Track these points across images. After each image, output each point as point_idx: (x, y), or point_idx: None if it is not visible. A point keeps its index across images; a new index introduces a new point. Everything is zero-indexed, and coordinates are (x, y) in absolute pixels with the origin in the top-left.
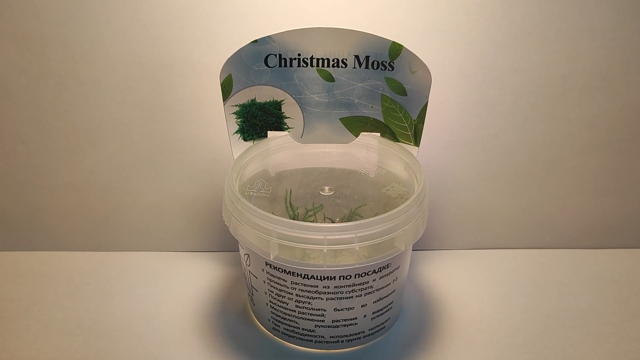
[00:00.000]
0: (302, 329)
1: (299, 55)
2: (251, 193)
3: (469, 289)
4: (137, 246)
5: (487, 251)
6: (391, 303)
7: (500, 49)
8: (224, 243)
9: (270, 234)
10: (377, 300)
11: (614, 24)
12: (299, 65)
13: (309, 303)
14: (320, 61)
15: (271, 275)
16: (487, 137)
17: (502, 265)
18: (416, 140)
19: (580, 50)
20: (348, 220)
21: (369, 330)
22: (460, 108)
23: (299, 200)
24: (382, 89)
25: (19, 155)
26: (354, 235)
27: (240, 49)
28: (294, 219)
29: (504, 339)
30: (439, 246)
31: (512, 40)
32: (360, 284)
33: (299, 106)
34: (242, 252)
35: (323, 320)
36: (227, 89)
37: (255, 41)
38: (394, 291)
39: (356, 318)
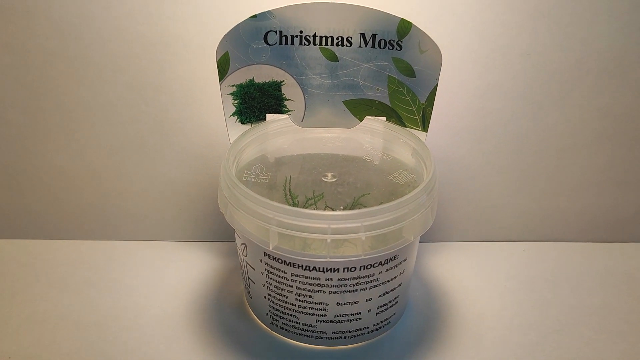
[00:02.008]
0: (303, 324)
1: (301, 32)
2: (249, 179)
3: (477, 283)
4: (126, 235)
5: (496, 244)
6: (397, 297)
7: (512, 31)
8: (219, 232)
9: (269, 222)
10: (383, 294)
11: (631, 6)
12: (300, 44)
13: (310, 297)
14: (324, 39)
15: (270, 266)
16: (497, 125)
17: (512, 259)
18: (424, 125)
19: (595, 33)
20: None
21: (374, 325)
22: (469, 93)
23: (299, 187)
24: (389, 69)
25: (2, 137)
26: (359, 224)
27: (238, 24)
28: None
29: (515, 336)
30: (446, 238)
31: (524, 22)
32: (365, 277)
33: (300, 87)
34: (238, 241)
35: (325, 315)
36: (223, 67)
37: (254, 16)
38: (400, 285)
39: (360, 313)
